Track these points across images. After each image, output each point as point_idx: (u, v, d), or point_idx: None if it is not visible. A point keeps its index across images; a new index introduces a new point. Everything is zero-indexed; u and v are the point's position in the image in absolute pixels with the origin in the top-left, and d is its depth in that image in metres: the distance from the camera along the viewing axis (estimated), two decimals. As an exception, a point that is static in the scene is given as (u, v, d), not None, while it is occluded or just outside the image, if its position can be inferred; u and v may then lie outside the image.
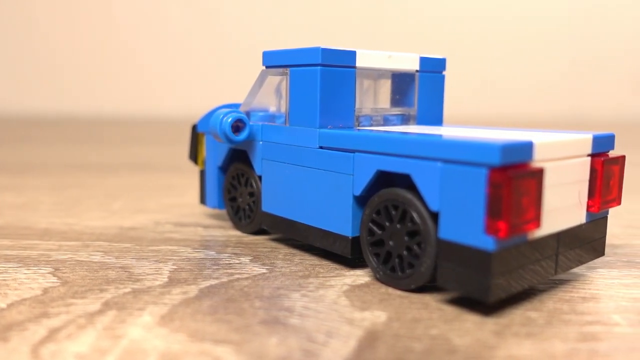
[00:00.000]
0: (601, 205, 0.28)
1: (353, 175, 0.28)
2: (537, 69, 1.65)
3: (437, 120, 0.36)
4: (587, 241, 0.28)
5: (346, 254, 0.29)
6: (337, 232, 0.29)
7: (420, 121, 0.35)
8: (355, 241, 0.29)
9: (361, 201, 0.29)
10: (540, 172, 0.23)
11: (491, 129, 0.31)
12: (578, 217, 0.27)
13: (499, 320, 0.23)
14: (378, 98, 0.35)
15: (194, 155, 0.42)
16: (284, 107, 0.33)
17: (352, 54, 0.31)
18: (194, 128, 0.41)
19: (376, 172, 0.27)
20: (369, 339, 0.21)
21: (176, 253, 0.33)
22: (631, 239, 0.37)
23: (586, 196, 0.27)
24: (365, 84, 0.35)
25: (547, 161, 0.24)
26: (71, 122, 1.50)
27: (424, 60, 0.35)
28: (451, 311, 0.24)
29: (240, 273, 0.29)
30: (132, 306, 0.25)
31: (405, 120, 0.35)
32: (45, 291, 0.26)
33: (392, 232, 0.26)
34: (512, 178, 0.22)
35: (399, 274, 0.26)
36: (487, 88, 1.63)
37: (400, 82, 0.35)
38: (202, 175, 0.41)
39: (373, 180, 0.28)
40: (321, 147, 0.30)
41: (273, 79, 0.34)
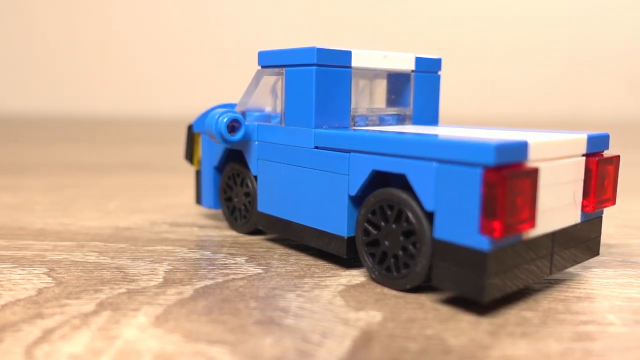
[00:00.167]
0: (596, 205, 0.28)
1: (348, 175, 0.28)
2: (536, 69, 1.65)
3: (433, 120, 0.36)
4: (582, 241, 0.28)
5: (342, 254, 0.29)
6: (333, 232, 0.29)
7: (415, 121, 0.35)
8: (350, 241, 0.29)
9: (357, 201, 0.29)
10: (534, 172, 0.23)
11: (486, 129, 0.31)
12: (573, 217, 0.27)
13: (494, 320, 0.23)
14: (374, 98, 0.35)
15: (190, 155, 0.42)
16: (280, 107, 0.33)
17: (348, 54, 0.31)
18: (190, 128, 0.41)
19: (371, 172, 0.27)
20: (364, 339, 0.21)
21: (172, 253, 0.33)
22: (626, 239, 0.37)
23: (581, 196, 0.27)
24: (360, 84, 0.35)
25: (542, 161, 0.25)
26: (66, 122, 1.50)
27: (420, 60, 0.35)
28: (446, 311, 0.24)
29: (235, 273, 0.29)
30: (127, 307, 0.24)
31: (400, 120, 0.35)
32: (39, 292, 0.26)
33: (388, 232, 0.26)
34: (507, 178, 0.22)
35: (395, 274, 0.26)
36: (487, 88, 1.63)
37: (395, 82, 0.35)
38: (198, 175, 0.41)
39: (368, 180, 0.28)
40: (317, 147, 0.30)
41: (269, 79, 0.34)
